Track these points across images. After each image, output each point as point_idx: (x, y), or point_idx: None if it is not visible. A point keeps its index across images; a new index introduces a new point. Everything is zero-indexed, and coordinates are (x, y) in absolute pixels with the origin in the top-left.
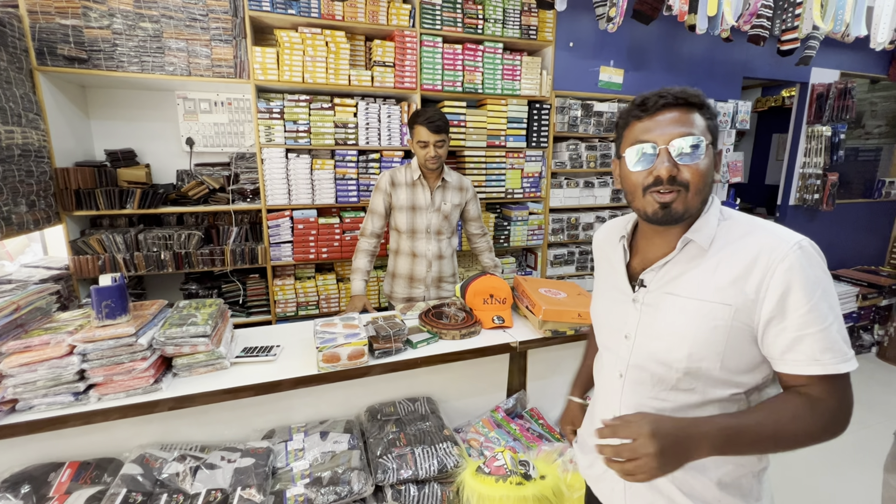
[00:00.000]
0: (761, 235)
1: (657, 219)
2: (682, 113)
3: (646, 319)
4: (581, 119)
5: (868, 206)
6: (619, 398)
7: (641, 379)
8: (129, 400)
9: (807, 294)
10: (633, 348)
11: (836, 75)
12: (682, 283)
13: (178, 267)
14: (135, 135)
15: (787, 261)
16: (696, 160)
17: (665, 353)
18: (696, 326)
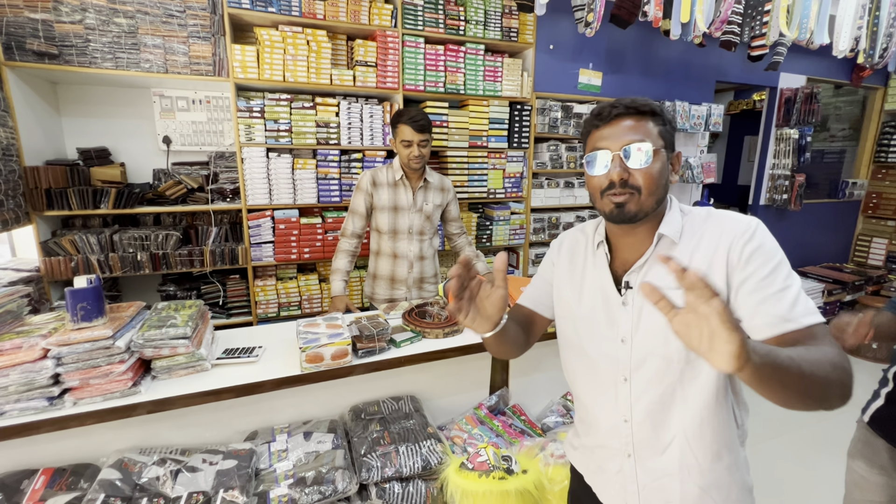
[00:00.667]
0: (721, 219)
1: (613, 217)
2: (635, 121)
3: (638, 319)
4: (561, 120)
5: (833, 206)
6: (627, 402)
7: (647, 378)
8: (106, 404)
9: (767, 258)
10: (632, 351)
11: (802, 80)
12: (664, 277)
13: (155, 268)
14: (109, 133)
15: (746, 234)
16: (646, 164)
17: (664, 347)
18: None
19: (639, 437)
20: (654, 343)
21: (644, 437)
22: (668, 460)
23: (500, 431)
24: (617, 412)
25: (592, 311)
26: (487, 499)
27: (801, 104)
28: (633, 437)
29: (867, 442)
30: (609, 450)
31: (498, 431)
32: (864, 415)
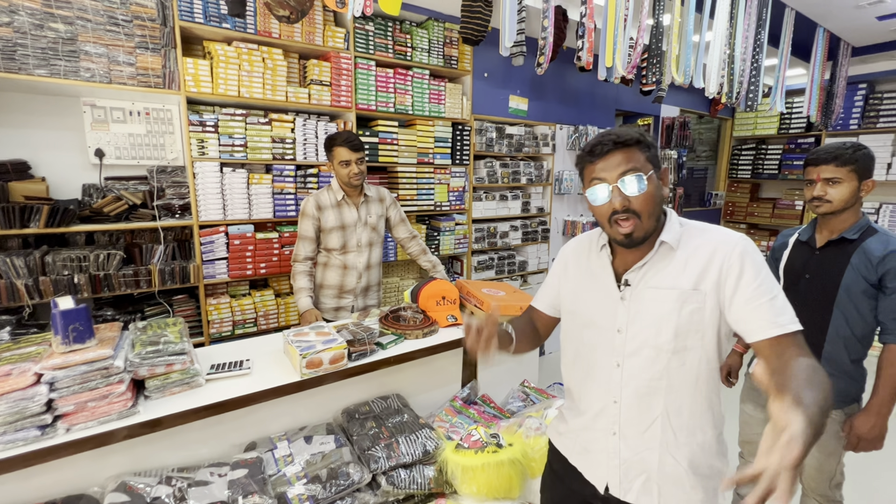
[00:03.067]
0: (715, 234)
1: (623, 244)
2: (624, 153)
3: (634, 313)
4: (496, 140)
5: (703, 213)
6: (619, 385)
7: (638, 364)
8: (102, 428)
9: (756, 272)
10: (626, 340)
11: (676, 111)
12: (660, 278)
13: (95, 291)
14: (26, 144)
15: (738, 249)
16: (641, 190)
17: (655, 338)
18: (677, 311)
19: (626, 416)
20: (647, 334)
21: (630, 416)
22: (649, 437)
23: (477, 418)
24: (608, 395)
25: (594, 304)
26: (486, 470)
27: (677, 130)
28: (621, 417)
29: (753, 388)
30: (595, 431)
31: (475, 419)
32: (750, 368)
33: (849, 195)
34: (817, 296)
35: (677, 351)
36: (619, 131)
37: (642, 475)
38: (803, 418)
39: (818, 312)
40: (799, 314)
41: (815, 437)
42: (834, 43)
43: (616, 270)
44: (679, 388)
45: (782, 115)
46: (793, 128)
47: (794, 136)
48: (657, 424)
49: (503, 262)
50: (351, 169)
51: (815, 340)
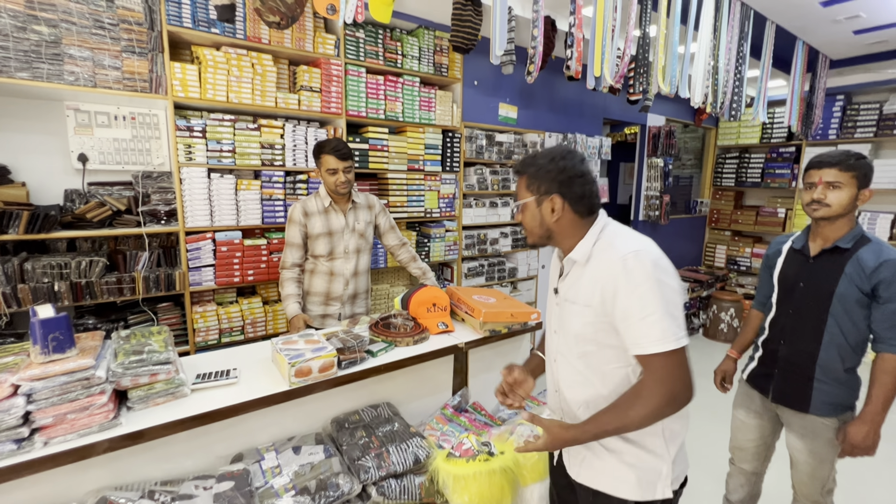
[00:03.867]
0: (609, 251)
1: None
2: (518, 181)
3: (559, 318)
4: (486, 147)
5: (689, 220)
6: (554, 376)
7: (563, 362)
8: (81, 441)
9: (627, 293)
10: (557, 340)
11: (662, 120)
12: (571, 291)
13: (76, 299)
14: (6, 148)
15: (614, 270)
16: (521, 214)
17: (566, 345)
18: (576, 323)
19: (562, 404)
20: (563, 339)
21: (563, 405)
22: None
23: (468, 426)
24: (553, 383)
25: (548, 306)
26: (478, 479)
27: (663, 139)
28: (560, 404)
29: (746, 394)
30: (552, 414)
31: (466, 426)
32: (743, 374)
33: (847, 201)
34: (811, 304)
35: (580, 356)
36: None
37: (580, 454)
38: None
39: (812, 321)
40: (793, 322)
41: (570, 442)
42: (813, 55)
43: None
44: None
45: (764, 125)
46: (774, 137)
47: (776, 145)
48: (581, 411)
49: (493, 268)
50: (338, 177)
51: (810, 349)
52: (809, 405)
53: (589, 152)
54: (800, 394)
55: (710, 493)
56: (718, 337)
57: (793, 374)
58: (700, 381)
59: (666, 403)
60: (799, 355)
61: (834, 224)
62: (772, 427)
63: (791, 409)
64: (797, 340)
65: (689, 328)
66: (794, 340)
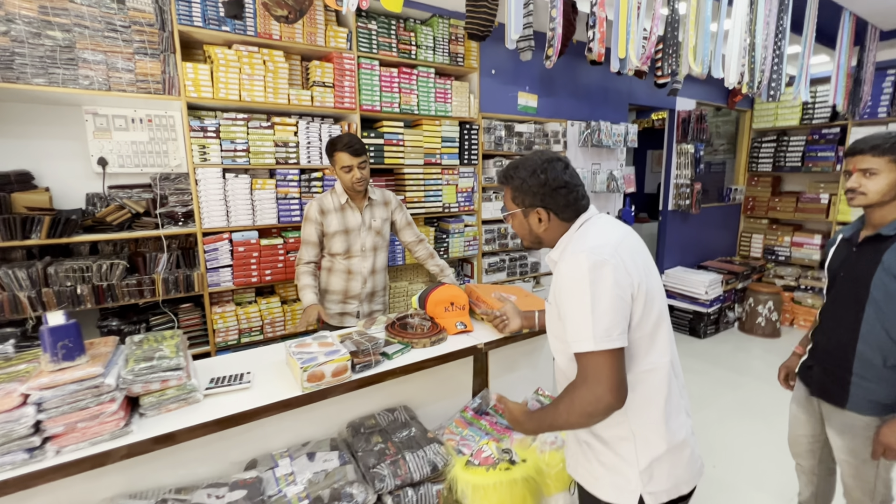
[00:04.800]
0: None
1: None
2: (504, 190)
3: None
4: (505, 138)
5: (722, 209)
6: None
7: (557, 361)
8: (93, 449)
9: (567, 292)
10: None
11: (693, 104)
12: (550, 291)
13: (98, 301)
14: (29, 155)
15: (563, 269)
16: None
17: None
18: (551, 322)
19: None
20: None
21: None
22: None
23: (489, 430)
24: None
25: None
26: (498, 489)
27: (693, 123)
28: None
29: (798, 387)
30: None
31: (486, 430)
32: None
33: (886, 188)
34: (849, 295)
35: (557, 353)
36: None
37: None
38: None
39: (850, 312)
40: (832, 313)
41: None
42: (861, 27)
43: None
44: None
45: (805, 106)
46: (816, 118)
47: (818, 126)
48: None
49: (515, 263)
50: (353, 174)
51: (847, 340)
52: (847, 400)
53: (614, 140)
54: (838, 388)
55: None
56: (756, 331)
57: (831, 366)
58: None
59: (590, 403)
60: (837, 347)
61: (882, 210)
62: (821, 423)
63: (830, 403)
64: (835, 332)
65: (724, 322)
66: (833, 332)
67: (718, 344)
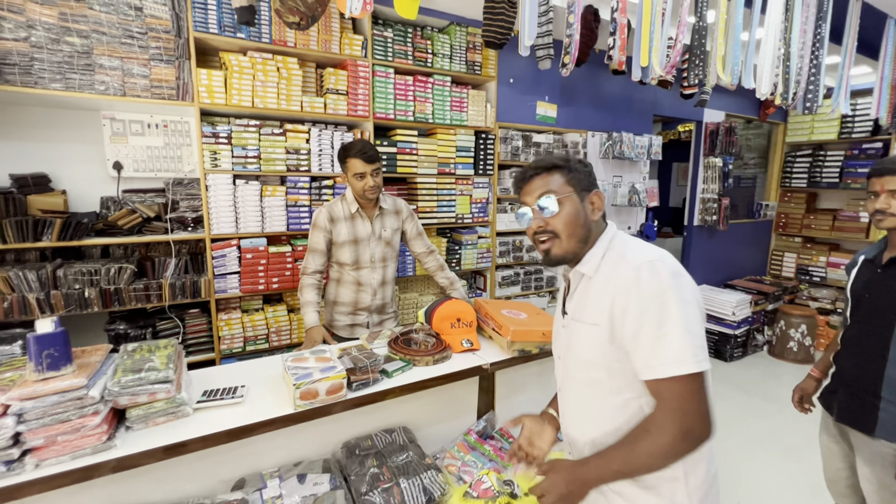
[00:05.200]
0: (620, 262)
1: (545, 263)
2: (542, 178)
3: (567, 342)
4: (522, 149)
5: (752, 226)
6: (566, 406)
7: (572, 390)
8: (75, 463)
9: (640, 309)
10: (564, 367)
11: (722, 116)
12: (580, 310)
13: (105, 305)
14: (48, 158)
15: (626, 283)
16: (554, 212)
17: (575, 371)
18: (586, 345)
19: (569, 438)
20: (572, 365)
21: (572, 438)
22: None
23: (493, 456)
24: (564, 414)
25: (555, 331)
26: None
27: (722, 136)
28: (567, 437)
29: (824, 416)
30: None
31: (490, 456)
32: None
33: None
34: (876, 317)
35: (587, 384)
36: (542, 158)
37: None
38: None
39: (877, 335)
40: (858, 335)
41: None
42: None
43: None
44: (597, 417)
45: (843, 119)
46: (856, 131)
47: (859, 140)
48: (587, 450)
49: (529, 277)
50: (366, 182)
51: (875, 365)
52: (876, 427)
53: (637, 152)
54: (865, 414)
55: None
56: (786, 356)
57: (857, 390)
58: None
59: (679, 439)
60: (864, 371)
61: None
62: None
63: (857, 430)
64: (862, 355)
65: (752, 345)
66: (859, 355)
67: (746, 368)
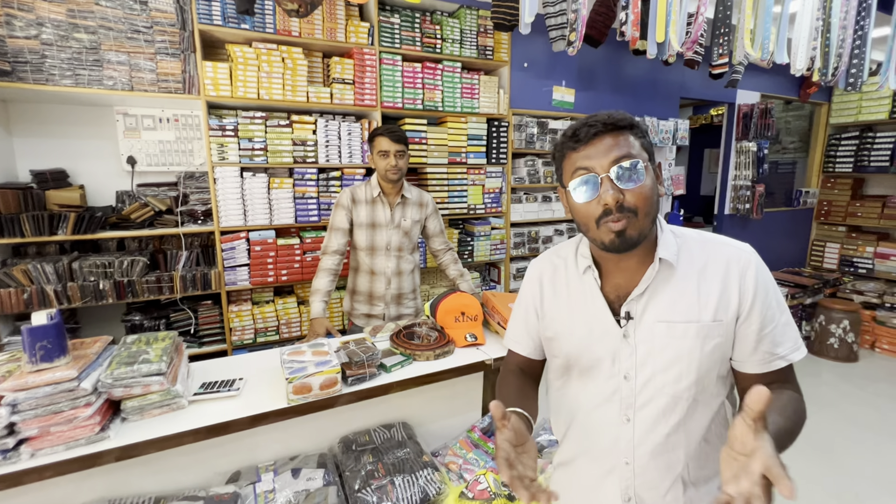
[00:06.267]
0: (721, 248)
1: (615, 247)
2: (615, 137)
3: (644, 354)
4: (537, 136)
5: (790, 214)
6: (630, 444)
7: (653, 417)
8: (69, 453)
9: (767, 293)
10: (637, 388)
11: (756, 97)
12: (671, 308)
13: (119, 297)
14: (66, 154)
15: (751, 267)
16: (638, 182)
17: (674, 385)
18: (699, 349)
19: (642, 479)
20: (664, 380)
21: (649, 479)
22: (672, 498)
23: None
24: (618, 455)
25: (588, 346)
26: None
27: (757, 119)
28: (635, 481)
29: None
30: (602, 496)
31: (494, 455)
32: None
33: None
34: None
35: (696, 397)
36: (609, 113)
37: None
38: (771, 442)
39: None
40: None
41: None
42: None
43: (608, 298)
44: (696, 435)
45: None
46: None
47: None
48: (679, 483)
49: None
50: (389, 161)
51: None
52: None
53: (661, 137)
54: None
55: None
56: (827, 354)
57: None
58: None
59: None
60: None
61: None
62: None
63: None
64: None
65: None
66: None
67: None
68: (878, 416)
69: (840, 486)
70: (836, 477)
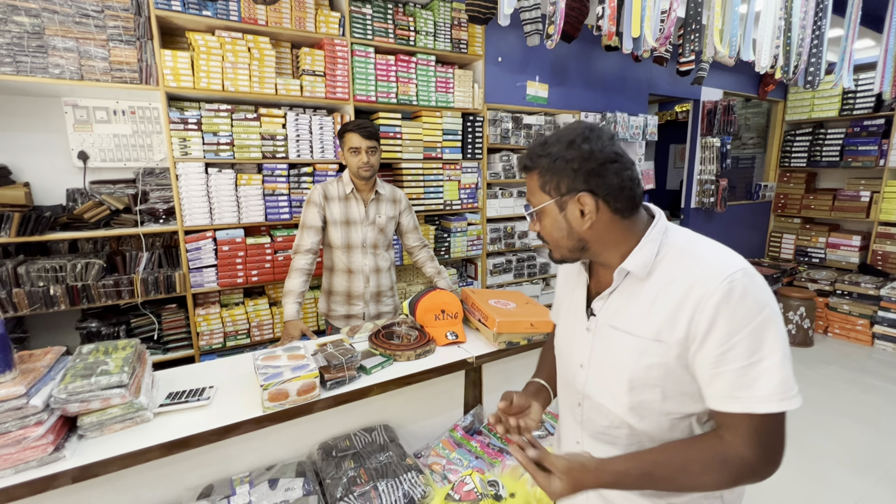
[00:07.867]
0: (696, 265)
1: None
2: (528, 179)
3: (596, 350)
4: (512, 131)
5: (750, 207)
6: (579, 427)
7: (596, 409)
8: (18, 477)
9: (731, 330)
10: (587, 378)
11: (719, 94)
12: (623, 316)
13: (73, 303)
14: (8, 148)
15: (716, 296)
16: (532, 227)
17: (612, 386)
18: (633, 363)
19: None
20: (604, 379)
21: None
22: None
23: (479, 453)
24: (573, 433)
25: (569, 330)
26: None
27: (720, 115)
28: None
29: None
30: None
31: (477, 453)
32: None
33: None
34: None
35: (633, 407)
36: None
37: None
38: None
39: None
40: None
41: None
42: None
43: (591, 292)
44: (644, 443)
45: (845, 95)
46: (858, 108)
47: (860, 117)
48: None
49: (522, 264)
50: (360, 158)
51: None
52: None
53: (631, 133)
54: None
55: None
56: None
57: None
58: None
59: (751, 472)
60: None
61: None
62: None
63: None
64: None
65: None
66: None
67: None
68: (833, 397)
69: (806, 467)
70: (802, 458)
